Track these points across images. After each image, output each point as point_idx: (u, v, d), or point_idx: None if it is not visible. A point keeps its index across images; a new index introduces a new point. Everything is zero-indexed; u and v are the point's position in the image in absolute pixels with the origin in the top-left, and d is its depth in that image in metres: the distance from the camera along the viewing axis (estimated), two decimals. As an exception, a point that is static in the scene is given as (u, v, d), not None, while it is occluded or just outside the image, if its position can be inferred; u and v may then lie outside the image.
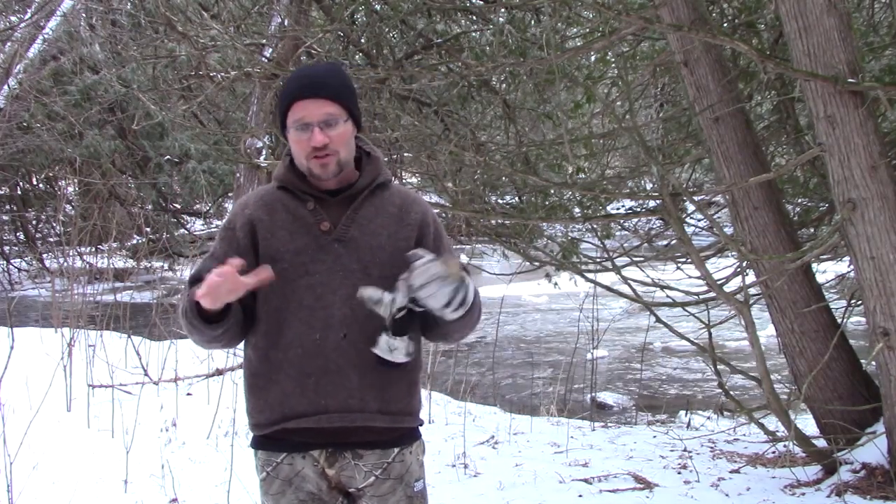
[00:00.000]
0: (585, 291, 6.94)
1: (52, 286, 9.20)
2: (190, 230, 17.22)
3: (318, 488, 2.21)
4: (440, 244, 2.27)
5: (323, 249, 2.17)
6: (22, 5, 14.56)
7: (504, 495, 4.56)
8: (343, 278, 2.15)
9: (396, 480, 2.22)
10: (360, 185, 2.23)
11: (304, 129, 2.14)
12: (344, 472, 2.20)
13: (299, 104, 2.14)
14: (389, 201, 2.26)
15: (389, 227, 2.22)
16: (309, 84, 2.15)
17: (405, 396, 2.22)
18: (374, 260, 2.18)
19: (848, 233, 4.17)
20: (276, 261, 2.15)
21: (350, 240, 2.18)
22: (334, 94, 2.15)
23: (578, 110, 6.81)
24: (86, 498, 4.30)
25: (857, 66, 4.05)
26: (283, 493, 2.21)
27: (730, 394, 5.22)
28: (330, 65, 2.34)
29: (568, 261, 6.33)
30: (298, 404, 2.14)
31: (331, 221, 2.19)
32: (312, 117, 2.13)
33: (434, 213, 2.33)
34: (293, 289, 2.15)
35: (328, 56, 7.61)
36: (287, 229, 2.19)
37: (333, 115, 2.14)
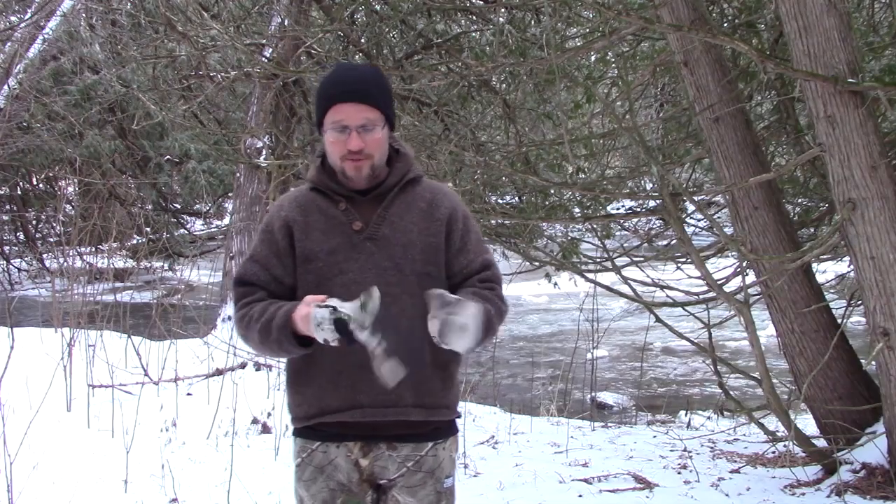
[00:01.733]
0: (585, 291, 6.94)
1: (52, 286, 9.19)
2: (190, 230, 17.20)
3: (349, 479, 2.26)
4: (467, 239, 2.30)
5: (356, 248, 2.22)
6: (22, 5, 14.56)
7: (504, 495, 4.56)
8: (375, 276, 2.19)
9: (427, 474, 2.27)
10: (390, 182, 2.27)
11: (342, 132, 2.19)
12: (377, 463, 2.25)
13: (339, 107, 2.18)
14: (420, 197, 2.30)
15: (420, 224, 2.26)
16: (350, 89, 2.19)
17: (440, 390, 2.27)
18: (405, 257, 2.22)
19: (848, 233, 4.17)
20: (311, 261, 2.23)
21: (381, 238, 2.23)
22: (374, 100, 2.20)
23: (578, 110, 6.81)
24: (86, 498, 4.30)
25: (857, 66, 4.05)
26: (315, 480, 2.27)
27: (730, 394, 5.23)
28: (371, 68, 2.40)
29: (568, 261, 6.33)
30: (333, 400, 2.21)
31: (362, 220, 2.24)
32: (351, 121, 2.18)
33: (465, 209, 2.35)
34: (328, 287, 2.18)
35: (328, 56, 7.62)
36: (321, 230, 2.25)
37: (371, 120, 2.19)
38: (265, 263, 2.27)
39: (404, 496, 2.28)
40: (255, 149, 9.33)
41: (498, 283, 2.32)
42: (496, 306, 2.24)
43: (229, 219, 12.02)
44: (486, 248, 2.37)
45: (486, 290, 2.27)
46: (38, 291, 12.01)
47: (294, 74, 7.24)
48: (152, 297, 10.26)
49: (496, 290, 2.28)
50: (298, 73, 7.20)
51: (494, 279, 2.31)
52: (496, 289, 2.29)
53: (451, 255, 2.28)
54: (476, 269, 2.30)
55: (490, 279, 2.30)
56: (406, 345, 2.07)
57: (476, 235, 2.34)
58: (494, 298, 2.26)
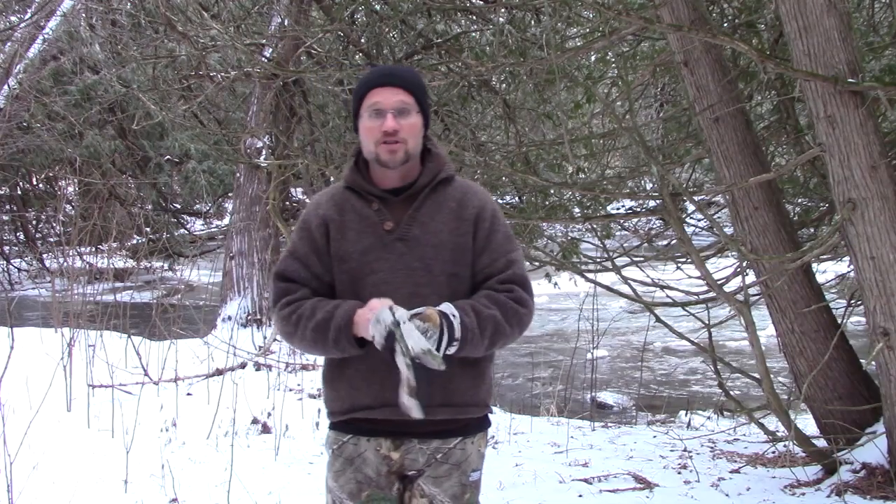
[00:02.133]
0: (585, 291, 6.94)
1: (52, 286, 9.19)
2: (190, 230, 17.20)
3: (377, 472, 2.31)
4: (492, 238, 2.30)
5: (387, 248, 2.25)
6: (22, 5, 14.56)
7: (504, 495, 4.56)
8: (405, 276, 2.23)
9: (454, 466, 2.31)
10: (421, 182, 2.31)
11: (378, 116, 2.23)
12: (408, 456, 2.30)
13: (375, 91, 2.25)
14: (451, 197, 2.32)
15: (449, 224, 2.28)
16: (387, 73, 2.29)
17: (470, 388, 2.30)
18: (435, 258, 2.25)
19: (848, 233, 4.17)
20: (345, 261, 2.27)
21: (412, 238, 2.26)
22: (409, 86, 2.26)
23: (578, 110, 6.81)
24: (86, 498, 4.29)
25: (857, 66, 4.05)
26: (343, 471, 2.33)
27: (730, 394, 5.22)
28: (407, 66, 2.45)
29: (568, 261, 6.33)
30: (365, 397, 2.26)
31: (394, 221, 2.27)
32: (387, 104, 2.23)
33: (494, 208, 2.35)
34: (361, 287, 2.24)
35: (328, 56, 7.61)
36: (355, 229, 2.28)
37: (407, 104, 2.25)
38: (305, 261, 2.31)
39: (430, 486, 2.32)
40: (255, 149, 9.33)
41: (519, 282, 2.29)
42: (504, 308, 2.23)
43: (229, 219, 12.02)
44: (514, 248, 2.34)
45: (503, 291, 2.26)
46: (38, 291, 12.01)
47: (294, 74, 7.24)
48: (152, 297, 10.26)
49: (514, 293, 2.26)
50: (298, 73, 7.20)
51: (515, 279, 2.29)
52: (514, 290, 2.27)
53: (475, 254, 2.30)
54: (499, 268, 2.29)
55: (510, 280, 2.28)
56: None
57: (503, 235, 2.33)
58: (506, 301, 2.24)
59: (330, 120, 8.73)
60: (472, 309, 2.20)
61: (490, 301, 2.23)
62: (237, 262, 9.34)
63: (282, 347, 8.16)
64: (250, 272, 9.31)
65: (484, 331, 2.19)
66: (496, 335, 2.22)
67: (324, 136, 8.24)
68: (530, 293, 2.31)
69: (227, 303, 9.31)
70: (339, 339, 2.18)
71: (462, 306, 2.20)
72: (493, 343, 2.23)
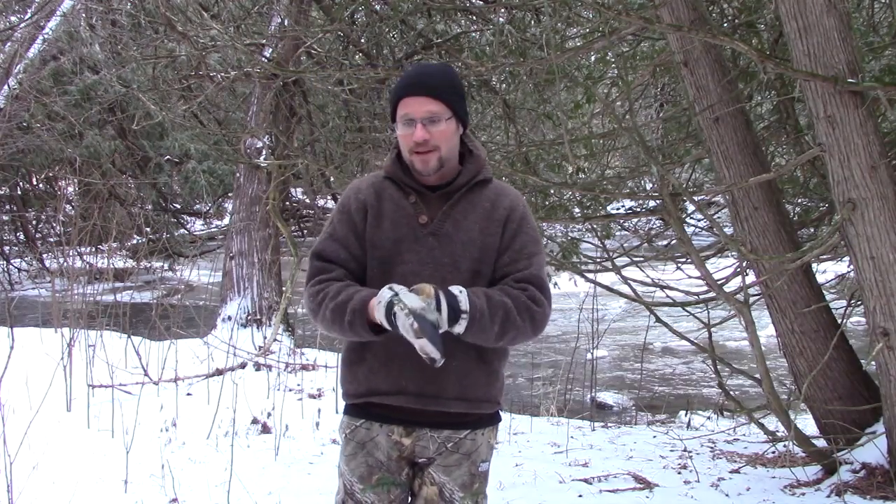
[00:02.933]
0: (585, 291, 6.94)
1: (52, 286, 9.20)
2: (190, 230, 17.19)
3: (388, 457, 2.36)
4: (517, 239, 2.34)
5: (418, 241, 2.31)
6: (22, 5, 14.55)
7: (504, 495, 4.55)
8: (433, 270, 2.28)
9: (464, 456, 2.37)
10: (459, 182, 2.35)
11: (409, 125, 2.28)
12: (419, 443, 2.35)
13: (406, 100, 2.29)
14: (486, 197, 2.37)
15: (481, 223, 2.33)
16: (417, 83, 2.30)
17: (484, 385, 2.35)
18: (464, 255, 2.30)
19: (848, 233, 4.17)
20: (377, 247, 2.32)
21: (444, 234, 2.31)
22: (439, 93, 2.28)
23: (578, 110, 6.82)
24: (86, 498, 4.29)
25: (857, 66, 4.05)
26: (355, 455, 2.39)
27: (730, 394, 5.22)
28: (441, 65, 2.48)
29: (568, 261, 6.33)
30: (383, 383, 2.31)
31: (429, 215, 2.33)
32: (416, 114, 2.27)
33: (524, 210, 2.39)
34: (390, 276, 2.28)
35: (328, 56, 7.62)
36: (390, 219, 2.33)
37: (436, 112, 2.27)
38: (344, 242, 2.34)
39: (439, 475, 2.37)
40: (255, 149, 9.33)
41: (535, 283, 2.31)
42: (516, 301, 2.25)
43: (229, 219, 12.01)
44: (537, 251, 2.37)
45: (518, 289, 2.29)
46: (38, 291, 12.00)
47: (294, 74, 7.24)
48: (152, 297, 10.26)
49: (528, 291, 2.29)
50: (298, 73, 7.20)
51: (531, 279, 2.31)
52: (528, 289, 2.29)
53: (499, 252, 2.34)
54: (518, 268, 2.32)
55: (526, 279, 2.31)
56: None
57: (528, 238, 2.36)
58: (519, 295, 2.27)
59: (330, 120, 8.74)
60: (483, 293, 2.24)
61: (502, 292, 2.27)
62: (237, 262, 9.34)
63: (282, 347, 8.16)
64: (250, 272, 9.30)
65: (494, 315, 2.21)
66: (507, 324, 2.23)
67: (324, 136, 8.24)
68: (547, 295, 2.33)
69: (227, 303, 9.31)
70: (354, 322, 2.21)
71: (472, 289, 2.23)
72: (503, 331, 2.23)
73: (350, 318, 2.21)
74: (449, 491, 2.37)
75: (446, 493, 2.37)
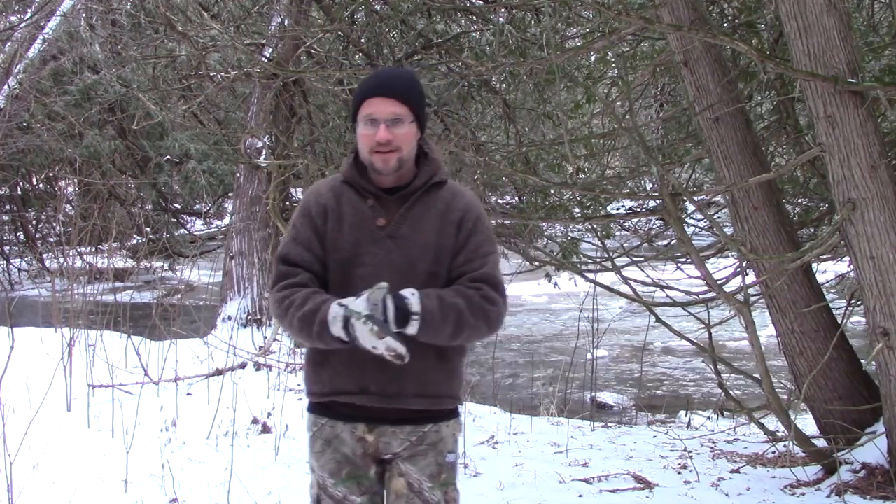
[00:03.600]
0: (585, 291, 6.93)
1: (52, 286, 9.19)
2: (190, 230, 17.19)
3: (353, 452, 2.42)
4: (472, 239, 2.40)
5: (376, 244, 2.37)
6: (22, 5, 14.55)
7: (504, 495, 4.55)
8: (391, 272, 2.33)
9: (430, 446, 2.42)
10: (416, 184, 2.41)
11: (372, 125, 2.34)
12: (382, 439, 2.41)
13: (370, 101, 2.35)
14: (440, 199, 2.43)
15: (436, 225, 2.39)
16: (383, 84, 2.37)
17: (445, 382, 2.43)
18: (421, 256, 2.37)
19: (848, 233, 4.17)
20: (337, 250, 2.39)
21: (401, 236, 2.37)
22: (403, 97, 2.35)
23: (578, 110, 6.82)
24: (86, 498, 4.29)
25: (857, 66, 4.05)
26: (324, 451, 2.45)
27: (730, 394, 5.23)
28: (407, 71, 2.59)
29: (568, 261, 6.33)
30: (346, 383, 2.38)
31: (386, 218, 2.38)
32: (380, 114, 2.33)
33: (479, 212, 2.44)
34: (349, 278, 2.36)
35: (328, 56, 7.61)
36: (349, 222, 2.40)
37: (400, 115, 2.34)
38: (307, 245, 2.41)
39: (406, 465, 2.42)
40: (255, 149, 9.33)
41: (490, 282, 2.37)
42: (469, 300, 2.31)
43: (229, 219, 12.02)
44: (491, 250, 2.43)
45: (472, 288, 2.35)
46: (38, 291, 11.99)
47: (294, 74, 7.24)
48: (152, 297, 10.26)
49: (482, 290, 2.35)
50: (298, 73, 7.20)
51: (486, 279, 2.37)
52: (482, 288, 2.35)
53: (453, 253, 2.39)
54: (473, 268, 2.38)
55: (481, 279, 2.37)
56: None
57: (483, 237, 2.43)
58: (472, 294, 2.33)
59: (330, 120, 8.74)
60: (436, 294, 2.31)
61: (455, 292, 2.33)
62: (237, 262, 9.34)
63: (282, 347, 8.16)
64: (250, 272, 9.30)
65: (447, 317, 2.28)
66: (460, 324, 2.30)
67: (324, 136, 8.24)
68: (501, 292, 2.39)
69: (227, 303, 9.31)
70: (322, 333, 2.27)
71: (425, 291, 2.30)
72: (457, 331, 2.31)
73: (318, 329, 2.27)
74: (417, 482, 2.42)
75: (415, 485, 2.42)
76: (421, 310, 2.25)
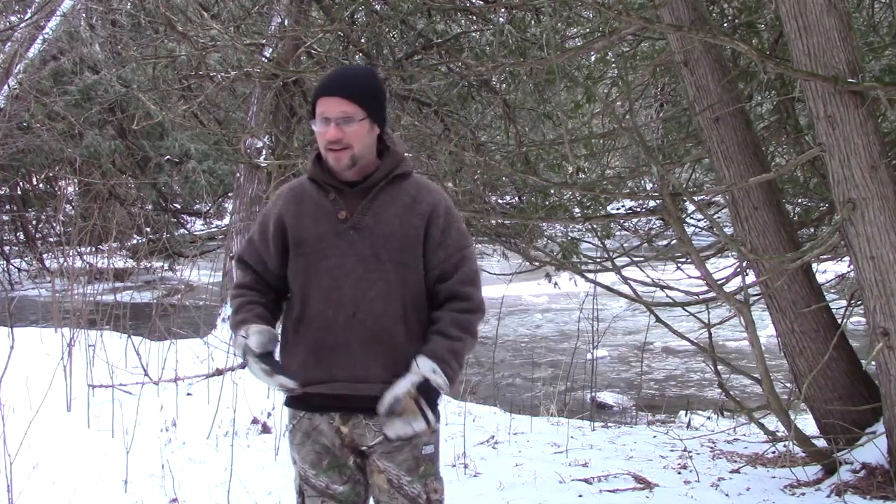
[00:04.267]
0: (585, 291, 6.94)
1: (52, 286, 9.19)
2: (190, 230, 17.19)
3: (332, 443, 2.48)
4: (447, 234, 2.45)
5: (340, 236, 2.42)
6: (22, 5, 14.55)
7: (504, 495, 4.56)
8: (356, 262, 2.40)
9: (404, 441, 2.42)
10: (377, 176, 2.45)
11: (325, 123, 2.39)
12: (356, 431, 2.46)
13: (323, 100, 2.40)
14: (405, 191, 2.47)
15: (402, 216, 2.43)
16: (332, 84, 2.42)
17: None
18: (385, 246, 2.41)
19: (848, 233, 4.17)
20: (301, 245, 2.45)
21: (364, 227, 2.42)
22: (353, 95, 2.39)
23: (578, 110, 6.81)
24: (86, 498, 4.30)
25: (857, 66, 4.05)
26: (304, 443, 2.51)
27: (730, 394, 5.22)
28: (361, 68, 2.65)
29: (568, 261, 6.33)
30: (314, 373, 2.42)
31: (348, 210, 2.43)
32: (331, 113, 2.38)
33: (448, 204, 2.49)
34: (315, 271, 2.43)
35: (328, 56, 7.61)
36: (311, 217, 2.46)
37: (349, 113, 2.38)
38: (259, 248, 2.55)
39: (383, 461, 2.46)
40: (255, 149, 9.33)
41: (471, 282, 2.47)
42: (471, 329, 2.44)
43: (229, 219, 12.02)
44: (467, 244, 2.51)
45: (463, 300, 2.44)
46: (38, 291, 11.99)
47: (294, 74, 7.24)
48: (152, 297, 10.26)
49: (471, 300, 2.45)
50: (298, 73, 7.20)
51: (469, 279, 2.46)
52: (471, 298, 2.45)
53: (429, 249, 2.44)
54: (453, 264, 2.44)
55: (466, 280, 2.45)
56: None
57: (457, 231, 2.49)
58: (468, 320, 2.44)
59: (330, 120, 8.71)
60: (451, 352, 2.40)
61: (458, 328, 2.42)
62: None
63: (282, 347, 8.15)
64: (250, 272, 9.29)
65: (462, 363, 2.43)
66: (462, 356, 2.44)
67: (324, 136, 8.22)
68: (477, 285, 2.50)
69: (228, 303, 9.30)
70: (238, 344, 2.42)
71: (442, 356, 2.38)
72: (462, 362, 2.46)
73: (238, 340, 2.43)
74: (395, 476, 2.45)
75: (394, 480, 2.46)
76: (446, 383, 2.37)
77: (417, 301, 2.44)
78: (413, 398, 2.33)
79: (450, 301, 2.45)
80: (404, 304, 2.41)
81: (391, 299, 2.39)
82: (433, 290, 2.46)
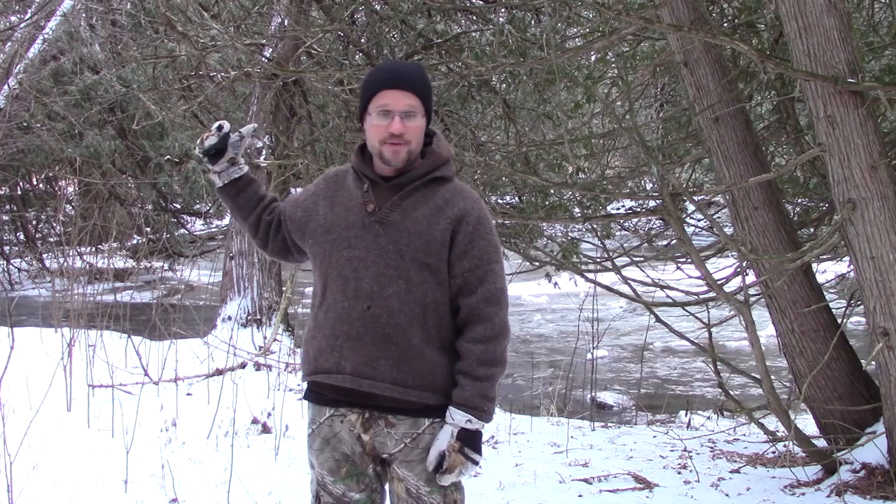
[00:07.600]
0: (585, 291, 6.94)
1: (52, 286, 9.19)
2: (190, 230, 17.18)
3: (353, 451, 2.45)
4: (475, 244, 2.40)
5: (365, 228, 2.40)
6: (22, 5, 14.54)
7: (504, 495, 4.56)
8: (377, 256, 2.37)
9: (424, 451, 2.39)
10: (413, 174, 2.43)
11: (385, 116, 2.36)
12: (377, 438, 2.42)
13: (385, 92, 2.37)
14: (440, 194, 2.44)
15: (430, 217, 2.40)
16: (398, 77, 2.40)
17: (427, 374, 2.38)
18: (409, 244, 2.37)
19: (848, 233, 4.17)
20: (329, 231, 2.46)
21: (390, 223, 2.39)
22: (416, 89, 2.39)
23: (578, 110, 6.81)
24: (86, 498, 4.29)
25: (857, 66, 4.05)
26: (322, 450, 2.48)
27: (730, 394, 5.22)
28: (413, 64, 2.66)
29: (568, 261, 6.34)
30: (326, 362, 2.41)
31: (377, 204, 2.41)
32: (395, 106, 2.36)
33: (482, 214, 2.44)
34: (337, 259, 2.42)
35: (328, 56, 7.61)
36: (344, 205, 2.46)
37: (414, 107, 2.38)
38: (291, 200, 2.66)
39: (403, 470, 2.43)
40: (255, 149, 9.33)
41: (495, 301, 2.40)
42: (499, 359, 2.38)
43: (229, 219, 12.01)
44: (496, 259, 2.43)
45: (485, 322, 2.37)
46: (38, 291, 11.99)
47: (294, 74, 7.24)
48: (152, 297, 10.26)
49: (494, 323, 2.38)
50: (298, 73, 7.20)
51: (495, 298, 2.39)
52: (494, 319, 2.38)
53: (454, 255, 2.39)
54: (478, 277, 2.38)
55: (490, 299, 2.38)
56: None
57: (487, 243, 2.42)
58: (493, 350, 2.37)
59: (330, 120, 8.73)
60: (482, 397, 2.35)
61: (484, 366, 2.36)
62: (237, 262, 9.33)
63: (282, 347, 8.16)
64: (250, 272, 9.30)
65: (495, 396, 2.39)
66: (496, 383, 2.40)
67: (324, 136, 8.24)
68: (503, 305, 2.42)
69: (227, 303, 9.30)
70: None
71: (474, 404, 2.34)
72: (496, 387, 2.42)
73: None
74: (414, 486, 2.42)
75: (413, 490, 2.42)
76: (481, 426, 2.37)
77: (439, 306, 2.38)
78: (457, 450, 2.33)
79: (471, 325, 2.38)
80: (423, 306, 2.36)
81: (409, 299, 2.35)
82: (455, 303, 2.40)
